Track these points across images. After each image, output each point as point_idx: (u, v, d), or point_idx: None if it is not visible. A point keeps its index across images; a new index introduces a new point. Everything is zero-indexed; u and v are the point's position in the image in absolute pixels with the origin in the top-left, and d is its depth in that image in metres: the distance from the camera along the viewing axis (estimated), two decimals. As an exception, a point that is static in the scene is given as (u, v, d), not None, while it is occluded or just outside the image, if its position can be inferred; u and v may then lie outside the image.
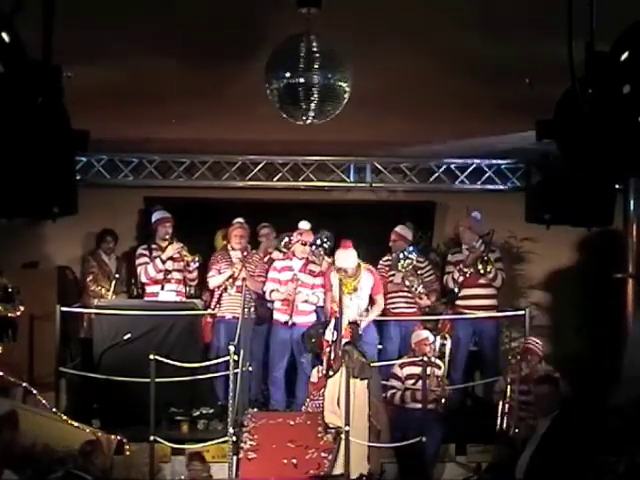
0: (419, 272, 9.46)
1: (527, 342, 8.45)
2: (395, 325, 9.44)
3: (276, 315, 9.13)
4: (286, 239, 9.30)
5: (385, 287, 9.53)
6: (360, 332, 8.20)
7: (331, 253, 8.98)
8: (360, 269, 8.43)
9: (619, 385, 7.95)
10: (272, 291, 9.07)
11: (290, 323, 8.92)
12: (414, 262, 9.35)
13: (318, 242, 9.20)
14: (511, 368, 8.29)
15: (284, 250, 9.26)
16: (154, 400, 7.77)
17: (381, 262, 9.66)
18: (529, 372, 8.18)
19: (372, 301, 8.68)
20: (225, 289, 9.24)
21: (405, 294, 9.48)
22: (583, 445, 6.34)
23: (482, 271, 9.38)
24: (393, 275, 9.51)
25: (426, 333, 8.63)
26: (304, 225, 9.22)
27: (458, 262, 9.55)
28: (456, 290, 9.52)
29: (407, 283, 9.37)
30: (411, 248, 9.42)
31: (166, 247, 9.43)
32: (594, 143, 3.70)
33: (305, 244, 9.12)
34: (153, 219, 9.66)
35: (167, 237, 9.49)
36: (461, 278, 9.45)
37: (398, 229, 9.66)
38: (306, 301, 9.06)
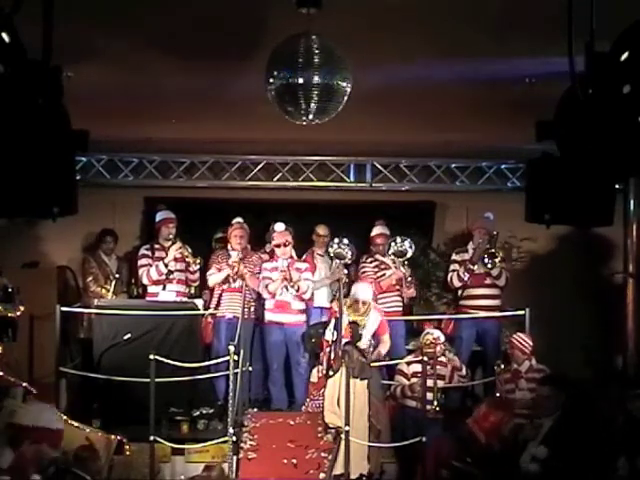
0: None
1: (511, 338, 8.50)
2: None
3: (268, 316, 9.13)
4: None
5: (379, 287, 9.51)
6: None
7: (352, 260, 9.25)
8: (369, 308, 8.38)
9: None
10: (266, 285, 9.06)
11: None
12: (405, 250, 9.42)
13: (335, 247, 9.31)
14: (498, 368, 8.40)
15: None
16: (154, 400, 7.77)
17: (367, 264, 9.63)
18: (516, 368, 8.24)
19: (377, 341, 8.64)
20: (226, 281, 9.20)
21: (393, 293, 9.49)
22: (585, 446, 6.34)
23: (489, 264, 9.40)
24: (383, 275, 9.51)
25: (435, 332, 8.67)
26: (279, 227, 9.21)
27: (464, 261, 9.57)
28: (459, 288, 9.55)
29: (403, 271, 9.40)
30: (399, 239, 9.47)
31: (169, 247, 9.43)
32: (594, 143, 3.70)
33: (286, 245, 9.12)
34: (157, 219, 9.65)
35: (170, 237, 9.49)
36: (467, 275, 9.47)
37: (382, 229, 9.68)
38: (296, 297, 9.05)
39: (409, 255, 9.46)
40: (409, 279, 9.50)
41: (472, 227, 9.90)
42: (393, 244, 9.44)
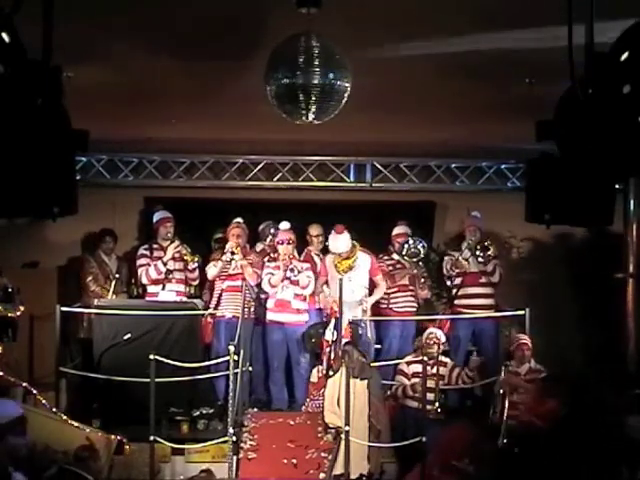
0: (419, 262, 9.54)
1: (519, 339, 8.48)
2: (397, 324, 9.46)
3: (269, 315, 9.12)
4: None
5: (392, 280, 9.48)
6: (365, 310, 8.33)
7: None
8: (356, 250, 8.59)
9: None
10: (269, 279, 9.04)
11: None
12: (418, 251, 9.43)
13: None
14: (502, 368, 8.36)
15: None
16: (154, 400, 7.77)
17: (383, 262, 9.64)
18: (515, 370, 8.22)
19: (372, 284, 8.78)
20: (227, 277, 9.19)
21: (407, 293, 9.50)
22: (585, 447, 6.33)
23: (481, 257, 9.40)
24: (397, 273, 9.52)
25: (438, 331, 8.66)
26: (284, 225, 9.21)
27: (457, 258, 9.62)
28: (453, 276, 9.55)
29: (415, 271, 9.43)
30: (411, 241, 9.46)
31: (167, 247, 9.44)
32: (594, 143, 3.70)
33: (290, 243, 9.11)
34: (154, 219, 9.66)
35: (169, 237, 9.50)
36: (461, 259, 9.46)
37: (404, 229, 9.68)
38: (297, 295, 9.03)
39: (422, 256, 9.47)
40: (422, 280, 9.52)
41: (463, 227, 9.93)
42: (406, 245, 9.44)
